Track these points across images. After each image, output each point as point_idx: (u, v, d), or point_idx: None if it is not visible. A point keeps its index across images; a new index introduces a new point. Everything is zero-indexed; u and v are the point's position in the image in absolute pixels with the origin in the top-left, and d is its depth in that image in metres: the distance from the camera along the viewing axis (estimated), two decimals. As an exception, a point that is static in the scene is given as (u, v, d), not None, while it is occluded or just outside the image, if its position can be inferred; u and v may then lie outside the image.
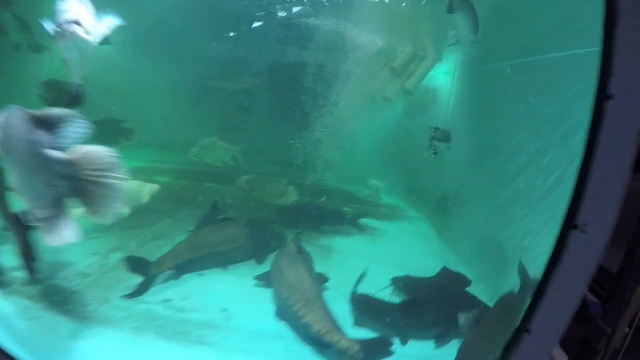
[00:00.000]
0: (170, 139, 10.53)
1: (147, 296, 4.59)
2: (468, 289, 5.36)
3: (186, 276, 5.18)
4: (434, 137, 6.25)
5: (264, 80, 10.99)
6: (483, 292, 5.73)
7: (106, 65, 10.90)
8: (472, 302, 4.94)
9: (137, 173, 9.30)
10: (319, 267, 5.72)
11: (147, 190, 7.25)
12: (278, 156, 10.50)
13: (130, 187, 6.95)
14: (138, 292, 4.61)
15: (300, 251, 5.21)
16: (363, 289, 4.98)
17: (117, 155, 3.00)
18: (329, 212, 7.99)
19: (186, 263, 5.20)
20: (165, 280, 5.01)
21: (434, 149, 5.99)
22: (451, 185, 8.84)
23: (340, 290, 5.06)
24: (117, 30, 9.98)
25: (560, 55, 5.39)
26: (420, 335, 4.64)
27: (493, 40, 7.10)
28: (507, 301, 4.25)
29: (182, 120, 10.87)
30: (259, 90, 11.27)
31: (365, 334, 4.45)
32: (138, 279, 4.75)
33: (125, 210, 6.72)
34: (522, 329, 2.60)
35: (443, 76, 10.35)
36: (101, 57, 10.99)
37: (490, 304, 4.75)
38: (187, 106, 11.23)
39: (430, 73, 9.71)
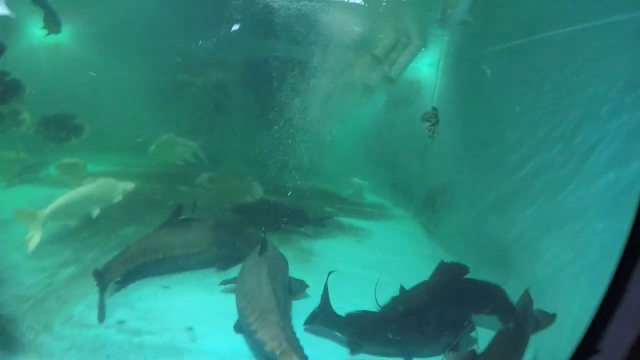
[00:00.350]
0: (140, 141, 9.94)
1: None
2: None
3: (146, 290, 4.52)
4: (434, 117, 5.72)
5: (238, 75, 10.40)
6: None
7: (69, 65, 10.44)
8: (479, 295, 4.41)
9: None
10: (298, 272, 5.19)
11: (120, 188, 6.70)
12: (253, 155, 9.91)
13: (103, 186, 6.48)
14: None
15: (263, 252, 4.54)
16: (351, 302, 4.29)
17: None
18: (291, 211, 7.39)
19: (137, 268, 4.71)
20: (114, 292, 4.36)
21: (431, 131, 5.32)
22: (438, 181, 8.38)
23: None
24: (80, 26, 9.36)
25: (554, 34, 4.93)
26: (426, 349, 4.03)
27: (481, 25, 6.68)
28: (507, 337, 3.73)
29: (152, 120, 10.28)
30: (233, 85, 10.67)
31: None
32: (88, 298, 4.09)
33: (97, 210, 6.22)
34: (590, 350, 2.10)
35: (427, 68, 9.92)
36: (62, 54, 10.64)
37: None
38: (157, 106, 10.62)
39: (414, 65, 9.27)
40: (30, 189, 7.85)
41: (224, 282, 4.69)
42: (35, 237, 5.22)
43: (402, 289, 4.69)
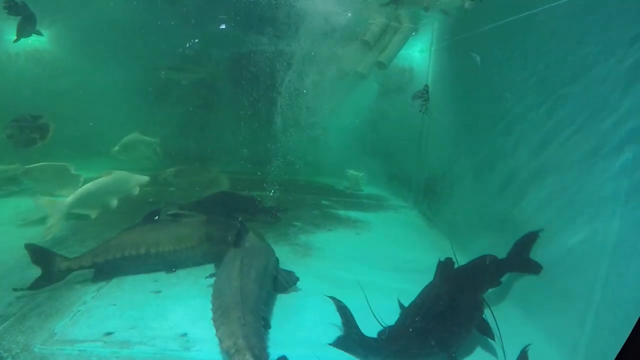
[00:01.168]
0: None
1: (83, 329, 3.64)
2: None
3: (137, 297, 4.27)
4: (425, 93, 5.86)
5: (225, 70, 10.14)
6: None
7: (54, 69, 10.16)
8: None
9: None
10: (296, 268, 5.01)
11: (135, 180, 6.86)
12: (246, 153, 9.70)
13: (119, 178, 6.73)
14: (35, 286, 4.15)
15: (238, 244, 4.34)
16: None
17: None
18: (244, 201, 7.25)
19: (110, 263, 4.59)
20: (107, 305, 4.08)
21: (423, 107, 5.71)
22: (436, 169, 8.17)
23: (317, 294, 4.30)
24: (61, 30, 9.07)
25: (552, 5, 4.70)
26: None
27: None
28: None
29: (140, 122, 10.05)
30: (220, 81, 10.42)
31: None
32: (73, 310, 3.82)
33: (115, 201, 6.50)
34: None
35: (418, 54, 9.70)
36: (45, 59, 10.37)
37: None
38: (145, 107, 10.40)
39: (405, 51, 9.04)
40: (14, 200, 7.59)
41: (210, 276, 4.48)
42: (54, 227, 5.61)
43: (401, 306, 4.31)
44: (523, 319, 4.18)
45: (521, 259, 4.40)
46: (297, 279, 4.69)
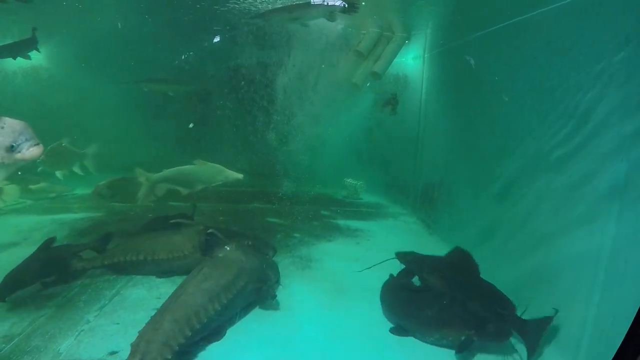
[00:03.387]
0: (127, 159, 9.75)
1: (87, 348, 3.65)
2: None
3: (139, 315, 4.26)
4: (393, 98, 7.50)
5: (220, 83, 10.20)
6: None
7: (48, 87, 10.22)
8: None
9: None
10: (297, 280, 5.19)
11: (227, 174, 7.51)
12: (243, 166, 9.71)
13: (212, 169, 7.49)
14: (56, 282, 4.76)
15: (207, 254, 4.43)
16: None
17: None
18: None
19: (115, 265, 5.13)
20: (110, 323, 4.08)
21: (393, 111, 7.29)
22: (434, 175, 8.21)
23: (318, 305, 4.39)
24: (58, 48, 9.13)
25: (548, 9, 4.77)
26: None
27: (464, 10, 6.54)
28: None
29: (135, 138, 10.09)
30: (215, 94, 10.48)
31: None
32: (77, 329, 3.84)
33: (200, 187, 7.41)
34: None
35: (412, 61, 9.78)
36: (42, 77, 10.42)
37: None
38: (142, 122, 10.44)
39: (399, 59, 9.11)
40: (14, 218, 7.61)
41: None
42: (144, 195, 7.20)
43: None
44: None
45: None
46: (278, 286, 4.81)
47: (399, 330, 4.20)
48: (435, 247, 6.99)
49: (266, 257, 5.06)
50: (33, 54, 7.70)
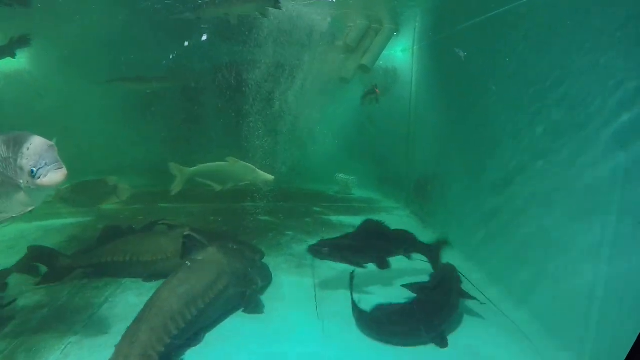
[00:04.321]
0: (117, 163, 9.59)
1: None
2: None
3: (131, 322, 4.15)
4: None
5: (207, 80, 10.04)
6: (482, 277, 5.31)
7: (34, 91, 9.98)
8: None
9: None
10: (290, 279, 5.13)
11: (258, 175, 7.69)
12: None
13: (245, 168, 7.66)
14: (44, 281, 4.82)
15: (184, 257, 4.30)
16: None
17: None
18: None
19: (102, 266, 5.09)
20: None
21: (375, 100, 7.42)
22: (426, 168, 8.15)
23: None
24: (41, 50, 8.89)
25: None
26: None
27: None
28: None
29: (125, 140, 9.91)
30: (203, 91, 10.31)
31: None
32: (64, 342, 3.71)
33: (230, 185, 7.59)
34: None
35: (401, 54, 9.68)
36: (26, 80, 10.19)
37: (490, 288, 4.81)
38: (129, 123, 10.23)
39: (388, 52, 9.01)
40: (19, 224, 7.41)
41: None
42: (178, 186, 7.51)
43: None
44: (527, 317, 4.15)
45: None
46: (260, 288, 4.73)
47: None
48: (429, 240, 6.93)
49: (252, 260, 4.93)
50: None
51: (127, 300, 4.65)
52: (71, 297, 4.72)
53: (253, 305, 4.42)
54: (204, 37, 9.68)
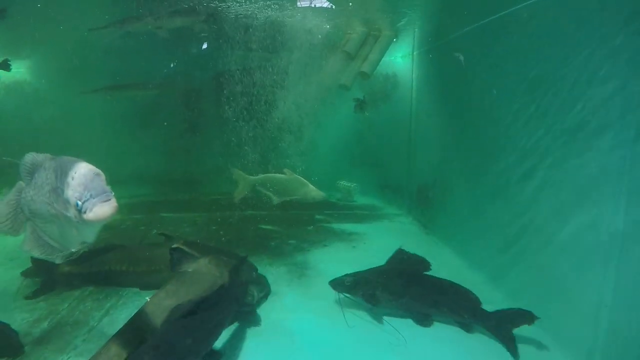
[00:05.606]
0: (117, 172, 9.56)
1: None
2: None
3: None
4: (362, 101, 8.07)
5: (205, 88, 10.06)
6: (483, 280, 5.30)
7: (33, 101, 10.02)
8: None
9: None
10: (293, 289, 5.05)
11: (309, 190, 7.98)
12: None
13: (297, 181, 7.97)
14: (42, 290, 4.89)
15: (173, 268, 4.14)
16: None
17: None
18: None
19: (96, 274, 5.13)
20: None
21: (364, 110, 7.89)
22: (428, 175, 8.10)
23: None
24: (41, 61, 8.89)
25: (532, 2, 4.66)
26: None
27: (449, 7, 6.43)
28: None
29: (125, 149, 9.91)
30: (203, 102, 10.32)
31: None
32: (64, 357, 3.67)
33: (285, 196, 7.85)
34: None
35: (401, 60, 9.67)
36: (26, 92, 10.22)
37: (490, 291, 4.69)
38: (130, 132, 10.23)
39: (387, 58, 8.99)
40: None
41: None
42: (241, 192, 7.99)
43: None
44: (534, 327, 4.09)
45: None
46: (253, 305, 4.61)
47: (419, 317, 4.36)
48: (432, 246, 6.91)
49: (248, 272, 4.85)
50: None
51: (128, 313, 4.57)
52: (71, 310, 4.68)
53: (250, 318, 4.34)
54: (204, 46, 9.71)
